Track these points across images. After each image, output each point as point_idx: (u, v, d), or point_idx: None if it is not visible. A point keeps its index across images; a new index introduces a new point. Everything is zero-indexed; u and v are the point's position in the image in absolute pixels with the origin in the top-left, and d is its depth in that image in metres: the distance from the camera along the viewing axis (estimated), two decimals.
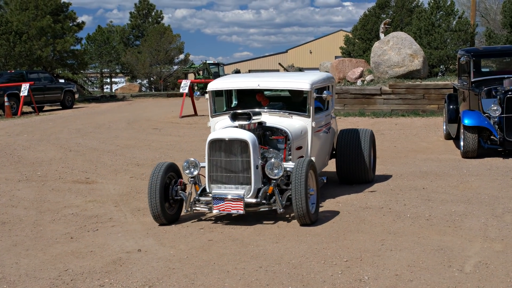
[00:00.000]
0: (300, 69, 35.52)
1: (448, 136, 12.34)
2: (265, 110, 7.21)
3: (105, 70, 45.58)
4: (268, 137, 6.87)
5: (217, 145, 6.24)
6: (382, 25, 20.95)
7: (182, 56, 46.74)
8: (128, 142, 13.88)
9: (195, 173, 6.43)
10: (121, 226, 6.47)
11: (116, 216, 6.91)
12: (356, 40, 34.99)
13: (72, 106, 26.89)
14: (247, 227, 6.15)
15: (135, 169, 10.09)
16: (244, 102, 7.72)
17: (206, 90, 7.33)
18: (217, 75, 39.47)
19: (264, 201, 6.19)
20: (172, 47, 45.06)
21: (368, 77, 18.67)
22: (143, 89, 45.42)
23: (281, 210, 6.15)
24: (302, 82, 7.19)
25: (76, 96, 28.01)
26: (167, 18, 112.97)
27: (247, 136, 6.18)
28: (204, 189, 6.43)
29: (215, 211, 6.23)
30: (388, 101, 17.74)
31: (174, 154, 11.72)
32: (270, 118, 6.98)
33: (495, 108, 9.75)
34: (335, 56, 42.44)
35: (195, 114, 21.38)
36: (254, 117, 6.51)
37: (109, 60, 43.63)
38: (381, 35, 20.61)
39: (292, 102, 7.73)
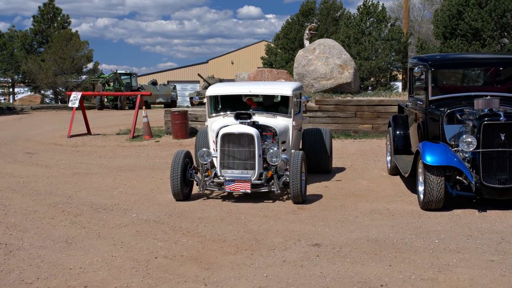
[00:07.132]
0: (221, 80, 32.32)
1: (393, 171, 9.44)
2: (252, 111, 8.21)
3: (3, 79, 40.55)
4: (260, 133, 7.91)
5: (228, 138, 7.59)
6: (307, 31, 18.08)
7: (90, 65, 42.48)
8: None
9: (209, 160, 7.71)
10: None
11: None
12: (279, 50, 32.26)
13: None
14: None
15: None
16: (229, 106, 8.96)
17: (194, 96, 9.31)
18: (129, 86, 35.61)
19: (265, 183, 7.57)
20: (80, 55, 40.85)
21: None
22: (47, 100, 40.89)
23: (278, 191, 7.54)
24: (285, 89, 8.62)
25: None
26: (88, 27, 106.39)
27: (253, 131, 7.58)
28: (215, 174, 7.73)
29: (227, 190, 7.53)
30: (314, 120, 14.91)
31: (17, 199, 8.17)
32: (260, 118, 8.27)
33: (469, 140, 6.78)
34: (257, 67, 39.62)
35: (88, 132, 17.78)
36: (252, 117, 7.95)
37: (6, 69, 38.75)
38: (306, 42, 17.75)
39: (270, 106, 9.18)
